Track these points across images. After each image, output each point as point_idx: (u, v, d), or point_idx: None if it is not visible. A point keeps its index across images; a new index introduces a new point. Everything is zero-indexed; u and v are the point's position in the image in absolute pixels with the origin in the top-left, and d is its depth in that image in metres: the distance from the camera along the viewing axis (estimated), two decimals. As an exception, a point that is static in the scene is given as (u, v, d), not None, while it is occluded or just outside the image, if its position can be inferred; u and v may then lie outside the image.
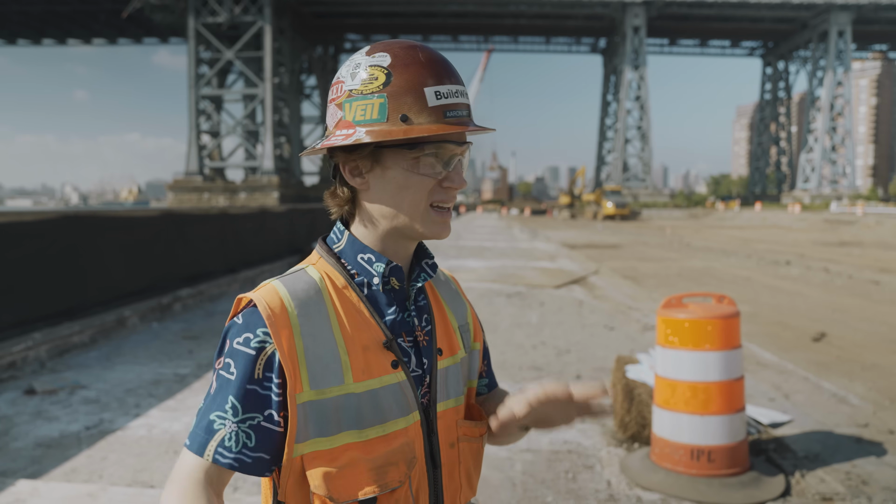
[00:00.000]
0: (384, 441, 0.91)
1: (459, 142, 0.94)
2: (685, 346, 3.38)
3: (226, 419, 0.88)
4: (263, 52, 65.52)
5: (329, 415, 0.89)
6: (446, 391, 1.02)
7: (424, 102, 0.91)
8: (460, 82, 0.95)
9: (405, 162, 0.93)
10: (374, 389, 0.92)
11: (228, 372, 0.89)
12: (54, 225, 6.64)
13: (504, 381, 5.42)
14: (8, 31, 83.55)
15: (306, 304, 0.92)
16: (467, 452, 1.04)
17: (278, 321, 0.89)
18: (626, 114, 74.51)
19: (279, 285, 0.93)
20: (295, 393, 0.88)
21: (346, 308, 0.94)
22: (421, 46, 0.95)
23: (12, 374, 5.50)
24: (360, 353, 0.92)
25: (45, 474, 3.61)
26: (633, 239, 26.13)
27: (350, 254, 0.98)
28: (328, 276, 0.97)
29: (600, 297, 10.24)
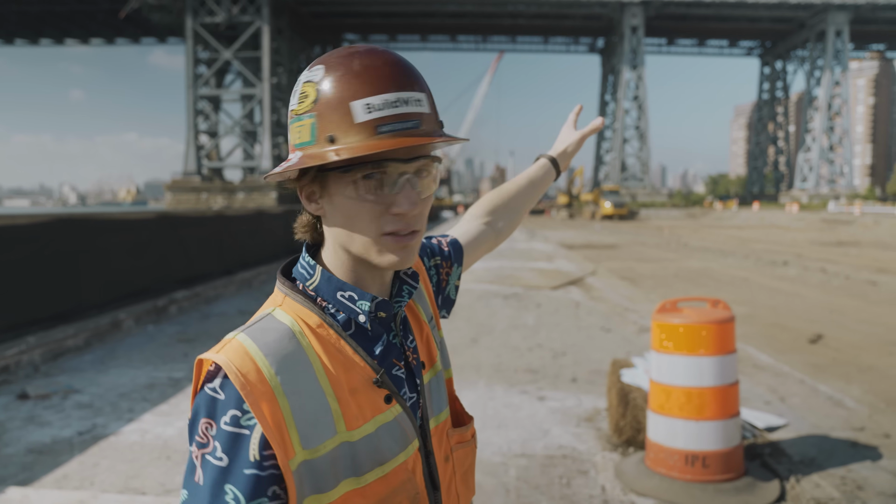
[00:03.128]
0: (384, 482, 0.85)
1: (405, 158, 0.82)
2: (680, 351, 3.36)
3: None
4: (261, 52, 65.44)
5: (325, 470, 0.81)
6: (435, 406, 0.96)
7: (351, 119, 0.80)
8: (410, 88, 0.82)
9: (345, 188, 0.83)
10: (370, 434, 0.84)
11: (217, 458, 0.77)
12: (48, 228, 6.62)
13: (499, 383, 5.41)
14: (5, 31, 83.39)
15: (283, 357, 0.81)
16: (461, 460, 1.00)
17: (255, 390, 0.77)
18: (624, 113, 74.56)
19: (247, 342, 0.81)
20: (288, 460, 0.78)
21: (327, 351, 0.85)
22: (363, 52, 0.83)
23: (5, 379, 5.48)
24: (349, 398, 0.84)
25: (36, 481, 3.59)
26: (631, 239, 26.13)
27: (327, 291, 0.89)
28: (301, 319, 0.86)
29: (597, 298, 10.23)
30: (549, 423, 4.44)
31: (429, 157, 0.85)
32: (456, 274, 1.21)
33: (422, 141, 0.79)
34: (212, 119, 68.04)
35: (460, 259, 1.22)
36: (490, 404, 4.88)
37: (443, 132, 0.87)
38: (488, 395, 5.09)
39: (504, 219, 1.36)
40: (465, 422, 1.04)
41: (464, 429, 1.01)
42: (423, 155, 0.85)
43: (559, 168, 1.45)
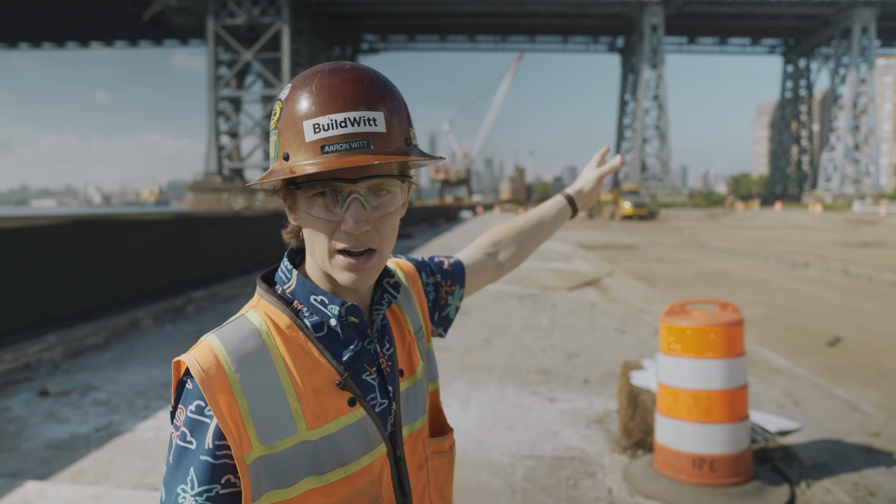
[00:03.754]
0: (346, 483, 0.88)
1: (352, 178, 0.85)
2: (687, 354, 3.35)
3: (186, 493, 0.83)
4: (282, 54, 65.99)
5: (284, 466, 0.85)
6: (410, 413, 0.98)
7: (302, 138, 0.84)
8: (364, 108, 0.84)
9: (307, 204, 0.87)
10: (332, 434, 0.87)
11: (185, 441, 0.84)
12: (69, 229, 6.75)
13: (511, 384, 5.42)
14: (34, 34, 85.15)
15: (245, 355, 0.85)
16: (437, 469, 1.01)
17: (213, 384, 0.83)
18: (643, 113, 74.03)
19: (214, 341, 0.86)
20: (243, 453, 0.82)
21: (293, 351, 0.89)
22: (327, 72, 0.86)
23: (27, 376, 5.60)
24: (311, 398, 0.87)
25: (54, 475, 3.67)
26: (650, 239, 25.94)
27: (302, 294, 0.93)
28: (270, 319, 0.90)
29: (613, 299, 10.18)
30: (559, 425, 4.44)
31: (383, 175, 0.87)
32: (458, 295, 1.23)
33: (364, 161, 0.81)
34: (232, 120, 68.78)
35: (462, 280, 1.24)
36: (500, 405, 4.89)
37: (407, 150, 0.88)
38: (499, 396, 5.10)
39: (508, 252, 1.36)
40: (444, 433, 1.07)
41: (441, 439, 1.03)
42: (377, 174, 0.86)
43: (575, 207, 1.45)
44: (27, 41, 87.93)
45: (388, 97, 0.87)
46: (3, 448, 4.08)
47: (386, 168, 0.87)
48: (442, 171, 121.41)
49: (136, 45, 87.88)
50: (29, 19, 77.15)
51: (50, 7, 73.24)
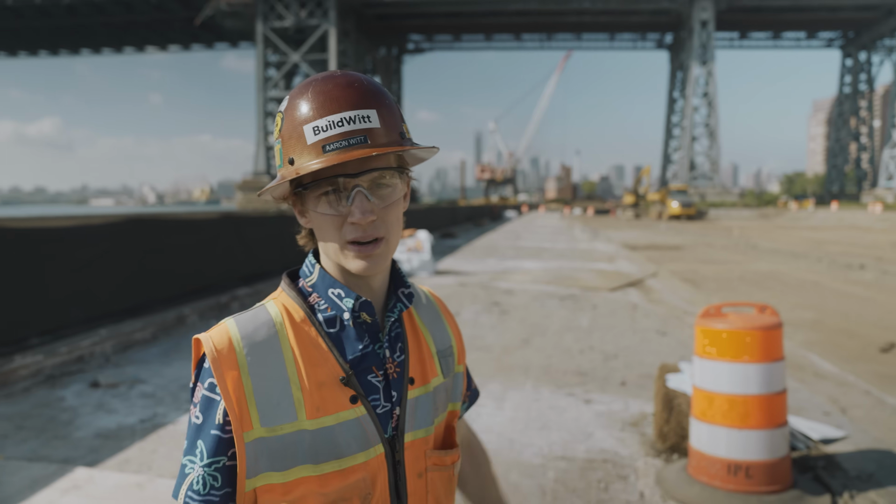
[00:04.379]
0: (340, 476, 0.91)
1: (354, 173, 0.91)
2: (723, 358, 3.28)
3: (194, 463, 0.90)
4: (328, 55, 66.93)
5: (282, 451, 0.89)
6: (415, 421, 1.00)
7: (304, 142, 0.90)
8: (358, 107, 0.90)
9: (315, 204, 0.93)
10: (329, 426, 0.91)
11: (195, 416, 0.92)
12: (119, 227, 7.02)
13: (546, 385, 5.39)
14: (94, 41, 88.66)
15: (257, 342, 0.92)
16: (437, 482, 1.03)
17: (224, 363, 0.89)
18: (692, 111, 72.39)
19: (232, 324, 0.93)
20: (243, 431, 0.88)
21: (303, 344, 0.94)
22: (320, 80, 0.92)
23: (80, 368, 5.85)
24: (314, 390, 0.92)
25: (101, 463, 3.83)
26: (697, 240, 25.37)
27: (322, 288, 0.98)
28: (287, 311, 0.96)
29: (656, 300, 10.01)
30: (593, 427, 4.40)
31: (382, 168, 0.92)
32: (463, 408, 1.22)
33: (362, 154, 0.87)
34: (281, 120, 70.06)
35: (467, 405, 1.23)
36: (535, 406, 4.87)
37: (401, 142, 0.93)
38: (534, 397, 5.09)
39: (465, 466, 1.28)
40: (450, 441, 1.09)
41: (442, 452, 1.04)
42: (376, 167, 0.91)
43: None
44: (88, 47, 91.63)
45: (378, 96, 0.93)
46: (56, 436, 4.28)
47: (384, 160, 0.93)
48: (488, 170, 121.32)
49: (189, 49, 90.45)
50: (89, 27, 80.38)
51: (109, 14, 76.07)
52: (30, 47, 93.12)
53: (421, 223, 22.31)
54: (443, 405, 1.08)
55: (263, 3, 66.87)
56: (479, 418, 4.58)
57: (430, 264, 13.49)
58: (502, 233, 31.57)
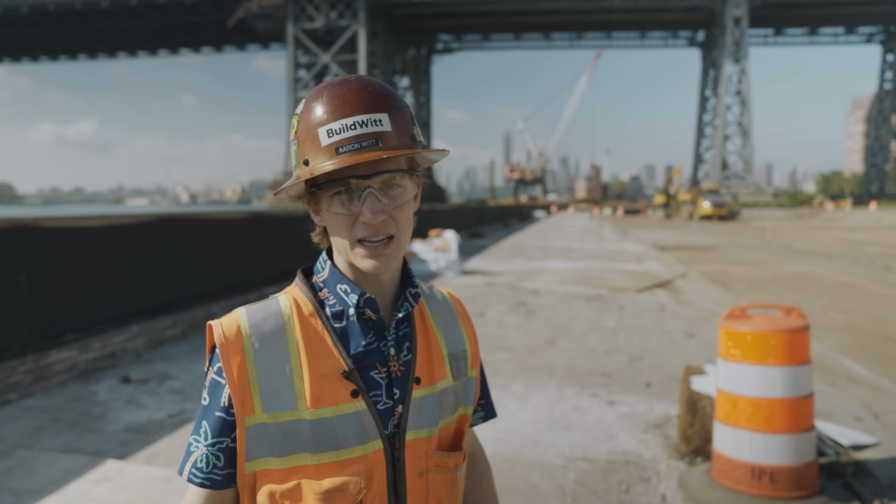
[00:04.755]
0: (337, 467, 0.94)
1: (365, 174, 0.93)
2: (747, 360, 3.24)
3: (199, 443, 0.95)
4: (358, 55, 67.41)
5: (281, 437, 0.93)
6: (418, 420, 1.01)
7: (318, 143, 0.93)
8: (370, 111, 0.93)
9: (329, 203, 0.96)
10: (328, 417, 0.94)
11: (204, 398, 0.97)
12: (151, 227, 7.17)
13: (570, 385, 5.37)
14: (130, 44, 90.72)
15: (265, 331, 0.96)
16: (438, 483, 1.03)
17: (230, 348, 0.94)
18: (725, 109, 71.19)
19: (242, 313, 0.98)
20: (245, 415, 0.93)
21: (308, 336, 0.97)
22: (334, 84, 0.95)
23: (112, 363, 6.00)
24: (316, 382, 0.95)
25: (131, 456, 3.92)
26: (729, 241, 24.94)
27: (331, 283, 1.01)
28: (297, 304, 1.00)
29: (684, 302, 9.88)
30: (616, 428, 4.37)
31: (393, 170, 0.95)
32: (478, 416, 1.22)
33: (373, 156, 0.91)
34: (310, 121, 70.82)
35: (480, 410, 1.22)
36: (558, 406, 4.86)
37: (412, 146, 0.96)
38: (557, 398, 5.07)
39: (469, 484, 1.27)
40: (458, 446, 1.09)
41: (445, 454, 1.04)
42: (387, 169, 0.94)
43: None
44: (124, 50, 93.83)
45: (391, 100, 0.96)
46: (89, 429, 4.40)
47: (395, 162, 0.95)
48: (517, 170, 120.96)
49: (221, 51, 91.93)
50: (126, 30, 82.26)
51: (144, 18, 77.73)
52: (69, 51, 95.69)
53: (449, 223, 22.33)
54: (451, 408, 1.08)
55: (294, 4, 67.61)
56: (502, 418, 4.58)
57: (457, 264, 13.51)
58: (531, 233, 31.44)
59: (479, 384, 1.18)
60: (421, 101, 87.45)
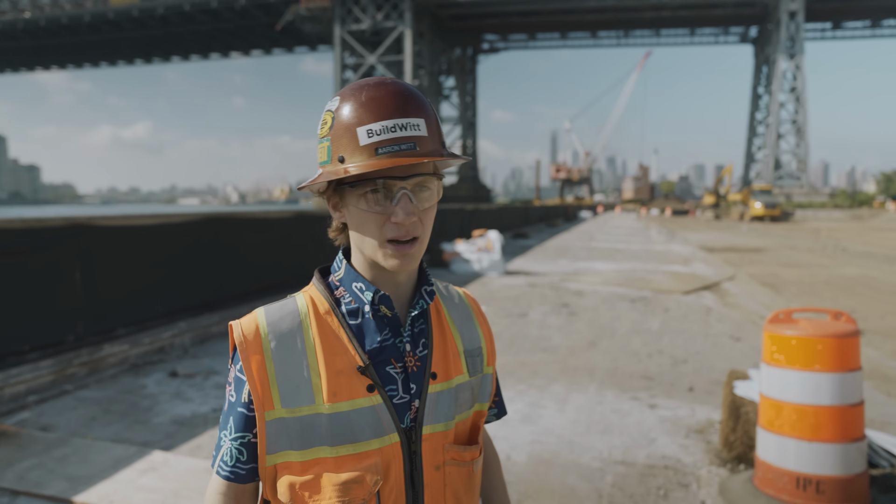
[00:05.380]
0: (355, 459, 0.96)
1: (402, 176, 0.96)
2: (792, 366, 3.14)
3: (226, 437, 1.00)
4: (404, 56, 67.87)
5: (300, 431, 0.96)
6: (434, 415, 1.03)
7: (356, 142, 0.94)
8: (409, 115, 0.95)
9: (357, 200, 0.97)
10: (345, 412, 0.97)
11: (229, 395, 1.02)
12: (198, 226, 7.37)
13: (611, 388, 5.30)
14: (182, 48, 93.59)
15: (281, 330, 0.99)
16: (455, 476, 1.05)
17: (249, 347, 0.98)
18: (778, 107, 68.99)
19: (261, 313, 1.02)
20: (264, 411, 0.96)
21: (325, 333, 1.00)
22: (372, 85, 0.97)
23: (161, 358, 6.20)
24: (332, 377, 0.97)
25: (176, 448, 4.05)
26: (781, 242, 24.18)
27: (347, 281, 1.04)
28: (313, 303, 1.03)
29: (731, 305, 9.63)
30: (657, 432, 4.29)
31: (426, 174, 0.97)
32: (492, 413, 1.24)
33: (414, 160, 0.93)
34: (356, 122, 71.70)
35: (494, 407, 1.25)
36: (597, 409, 4.80)
37: (441, 152, 0.98)
38: (597, 400, 5.01)
39: None
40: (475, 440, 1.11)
41: (461, 448, 1.07)
42: (421, 172, 0.97)
43: None
44: (178, 54, 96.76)
45: (426, 106, 0.99)
46: (137, 420, 4.56)
47: (427, 166, 0.99)
48: (563, 170, 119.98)
49: (270, 53, 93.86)
50: (179, 35, 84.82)
51: (197, 23, 79.99)
52: (127, 56, 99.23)
53: (493, 223, 22.28)
54: (467, 403, 1.10)
55: (341, 6, 68.50)
56: (541, 419, 4.56)
57: (501, 264, 13.47)
58: (576, 233, 31.12)
59: (494, 382, 1.20)
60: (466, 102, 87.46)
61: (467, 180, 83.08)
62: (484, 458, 1.27)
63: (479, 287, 11.46)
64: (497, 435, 4.21)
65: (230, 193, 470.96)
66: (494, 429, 4.31)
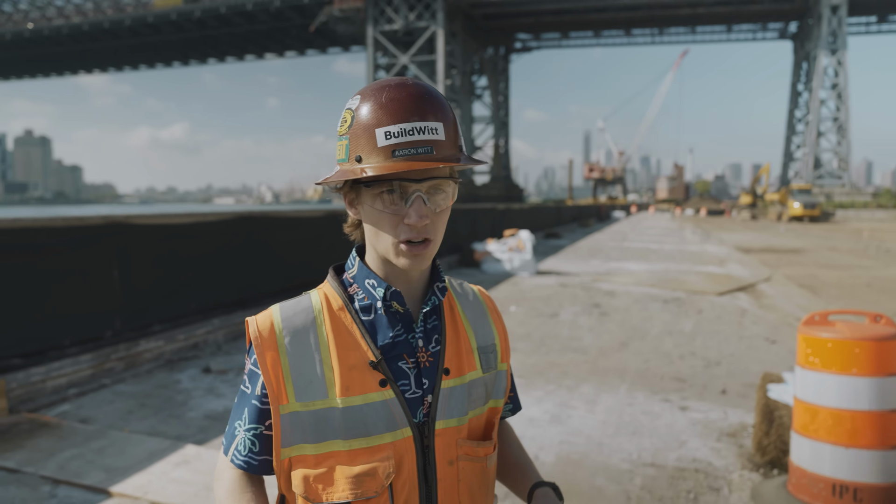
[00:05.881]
0: (367, 452, 0.98)
1: (417, 178, 0.97)
2: (828, 369, 3.06)
3: (240, 427, 1.03)
4: (436, 56, 67.98)
5: (314, 424, 0.98)
6: (448, 410, 1.04)
7: (374, 143, 0.95)
8: (427, 119, 0.96)
9: (372, 200, 0.99)
10: (358, 405, 0.98)
11: (245, 386, 1.04)
12: (232, 225, 7.49)
13: (641, 390, 5.23)
14: (219, 50, 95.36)
15: (295, 326, 1.02)
16: (469, 471, 1.06)
17: (264, 343, 1.01)
18: (819, 104, 67.22)
19: (276, 310, 1.04)
20: (279, 405, 0.99)
21: (338, 329, 1.02)
22: (393, 86, 0.98)
23: (195, 354, 6.32)
24: (345, 372, 0.99)
25: (208, 442, 4.13)
26: (820, 243, 23.58)
27: (360, 278, 1.06)
28: (327, 299, 1.05)
29: (767, 306, 9.43)
30: (688, 435, 4.23)
31: (441, 177, 0.98)
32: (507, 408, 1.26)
33: (429, 165, 0.94)
34: (388, 121, 72.10)
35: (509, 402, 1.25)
36: (627, 410, 4.75)
37: (458, 157, 0.99)
38: (627, 401, 4.96)
39: None
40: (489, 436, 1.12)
41: (474, 443, 1.07)
42: (436, 176, 0.98)
43: None
44: (214, 56, 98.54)
45: (445, 109, 1.00)
46: (172, 414, 4.66)
47: (444, 170, 1.00)
48: (596, 169, 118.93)
49: (304, 54, 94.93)
50: (216, 38, 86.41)
51: (233, 25, 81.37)
52: (165, 59, 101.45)
53: (524, 223, 22.19)
54: (481, 399, 1.11)
55: (373, 7, 68.93)
56: (570, 420, 4.53)
57: (532, 264, 13.41)
58: (608, 233, 30.81)
59: (509, 378, 1.21)
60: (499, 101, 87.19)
61: (499, 180, 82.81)
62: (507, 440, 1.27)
63: (510, 287, 11.43)
64: (525, 435, 4.20)
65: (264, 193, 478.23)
66: (522, 428, 4.30)
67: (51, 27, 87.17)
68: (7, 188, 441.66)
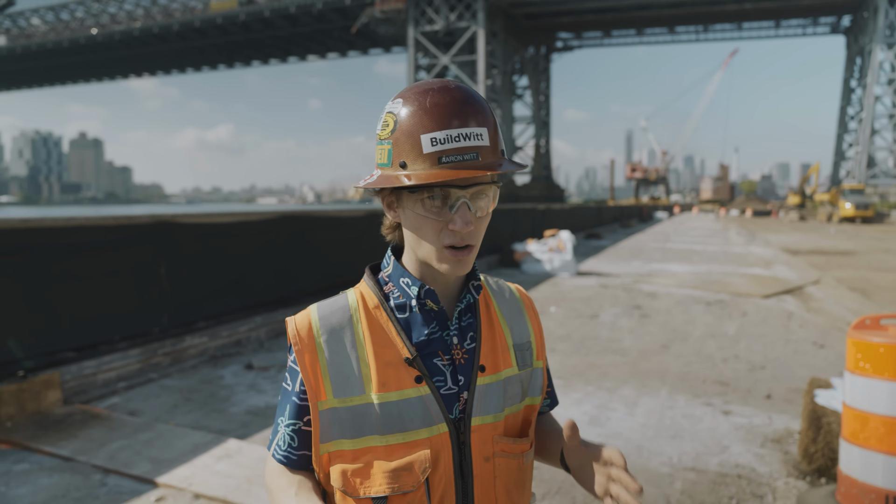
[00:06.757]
0: (405, 447, 1.00)
1: (462, 185, 0.97)
2: (880, 375, 2.95)
3: (282, 423, 1.06)
4: (477, 56, 67.97)
5: (352, 420, 1.00)
6: (483, 407, 1.05)
7: (420, 149, 0.95)
8: (473, 124, 0.96)
9: (414, 204, 0.99)
10: (394, 401, 1.00)
11: (286, 383, 1.07)
12: (275, 224, 7.63)
13: (683, 393, 5.14)
14: (263, 53, 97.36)
15: (332, 324, 1.04)
16: (504, 468, 1.07)
17: (303, 342, 1.03)
18: (874, 101, 64.86)
19: (314, 309, 1.07)
20: (318, 401, 1.01)
21: (374, 327, 1.04)
22: (437, 90, 0.98)
23: (238, 351, 6.46)
24: (381, 368, 1.01)
25: (250, 437, 4.22)
26: (873, 245, 22.75)
27: (395, 277, 1.07)
28: (363, 298, 1.07)
29: (815, 310, 9.15)
30: (730, 440, 4.14)
31: (485, 183, 0.99)
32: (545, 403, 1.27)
33: (476, 173, 0.94)
34: (428, 122, 72.41)
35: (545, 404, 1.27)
36: (668, 413, 4.67)
37: (502, 162, 0.99)
38: (668, 404, 4.88)
39: None
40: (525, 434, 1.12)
41: (510, 440, 1.08)
42: (481, 182, 0.99)
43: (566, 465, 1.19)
44: (258, 58, 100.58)
45: (487, 113, 1.00)
46: (215, 409, 4.78)
47: (488, 176, 1.00)
48: (639, 169, 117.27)
49: (345, 56, 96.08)
50: (260, 41, 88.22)
51: (276, 28, 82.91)
52: (210, 62, 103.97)
53: (565, 223, 22.01)
54: (517, 396, 1.11)
55: (414, 8, 69.30)
56: (609, 422, 4.48)
57: (572, 265, 13.29)
58: (650, 234, 30.33)
59: (546, 374, 1.21)
60: (540, 101, 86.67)
61: (540, 180, 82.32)
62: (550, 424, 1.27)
63: (550, 287, 11.36)
64: (563, 436, 4.16)
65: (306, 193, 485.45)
66: (560, 430, 4.26)
67: (104, 33, 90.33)
68: (63, 189, 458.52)
